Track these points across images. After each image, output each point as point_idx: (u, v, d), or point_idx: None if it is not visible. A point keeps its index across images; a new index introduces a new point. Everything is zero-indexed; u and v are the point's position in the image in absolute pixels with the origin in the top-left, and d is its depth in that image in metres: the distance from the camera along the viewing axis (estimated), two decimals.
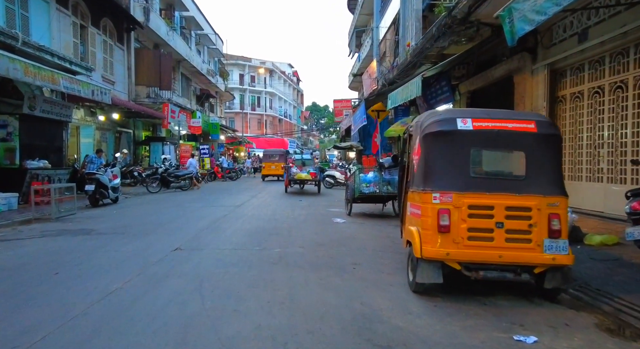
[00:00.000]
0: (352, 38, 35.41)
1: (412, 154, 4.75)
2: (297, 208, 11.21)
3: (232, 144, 37.87)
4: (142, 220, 9.07)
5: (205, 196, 14.71)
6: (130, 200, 13.69)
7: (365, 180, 9.44)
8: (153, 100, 22.42)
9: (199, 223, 8.47)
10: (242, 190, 17.85)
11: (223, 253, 5.90)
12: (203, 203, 12.52)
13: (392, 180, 9.37)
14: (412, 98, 11.38)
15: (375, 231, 7.85)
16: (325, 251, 6.03)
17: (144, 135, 22.67)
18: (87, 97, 13.12)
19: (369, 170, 9.72)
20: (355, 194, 9.51)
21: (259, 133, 53.60)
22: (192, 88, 31.14)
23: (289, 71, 65.80)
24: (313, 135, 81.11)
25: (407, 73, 15.47)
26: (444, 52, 13.22)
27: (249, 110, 53.69)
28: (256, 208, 11.21)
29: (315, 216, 9.66)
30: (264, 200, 13.26)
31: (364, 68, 30.85)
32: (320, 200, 13.42)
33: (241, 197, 14.16)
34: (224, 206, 11.49)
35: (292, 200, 13.27)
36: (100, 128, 18.74)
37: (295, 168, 15.86)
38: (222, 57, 37.96)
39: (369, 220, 9.20)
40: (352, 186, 9.67)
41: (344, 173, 18.43)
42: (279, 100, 59.92)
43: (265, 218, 9.33)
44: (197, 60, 30.09)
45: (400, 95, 12.42)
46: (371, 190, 9.34)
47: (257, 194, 15.42)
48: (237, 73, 52.71)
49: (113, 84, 19.79)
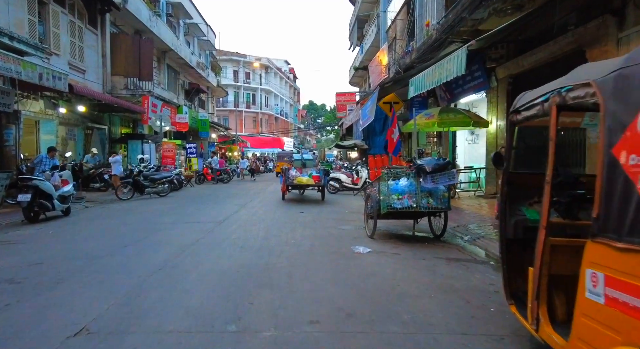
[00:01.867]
0: (353, 29, 32.59)
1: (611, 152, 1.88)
2: (298, 225, 8.32)
3: (225, 143, 34.87)
4: (73, 249, 6.13)
5: (183, 206, 11.77)
6: (89, 212, 10.73)
7: (397, 190, 6.55)
8: (132, 92, 19.43)
9: (152, 259, 5.54)
10: (231, 196, 14.92)
11: (162, 345, 3.01)
12: (177, 216, 9.59)
13: (435, 190, 6.51)
14: (449, 79, 8.53)
15: (428, 273, 4.96)
16: (364, 338, 3.14)
17: (121, 132, 19.66)
18: (31, 82, 10.20)
19: (398, 176, 6.84)
20: (382, 209, 6.65)
21: (254, 132, 50.61)
22: (180, 82, 28.13)
23: (286, 68, 62.79)
24: (310, 135, 78.18)
25: (429, 56, 12.62)
26: (479, 27, 10.42)
27: (244, 108, 50.68)
28: (243, 225, 8.29)
29: (325, 241, 6.76)
30: (255, 212, 10.34)
31: (368, 60, 28.01)
32: (326, 211, 10.52)
33: (228, 207, 11.24)
34: (201, 223, 8.57)
35: (291, 212, 10.37)
36: (65, 123, 15.73)
37: (294, 170, 12.96)
38: (214, 49, 34.96)
39: (405, 247, 6.32)
40: (376, 197, 6.80)
41: (351, 175, 15.57)
42: (275, 98, 56.93)
43: (253, 245, 6.41)
44: (186, 51, 27.09)
45: (430, 78, 9.55)
46: (406, 204, 6.46)
47: (248, 202, 12.50)
48: (231, 70, 49.69)
49: (83, 73, 16.80)
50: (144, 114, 18.93)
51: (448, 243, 6.69)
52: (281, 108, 58.94)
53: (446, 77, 8.59)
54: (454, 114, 10.93)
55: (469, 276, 4.81)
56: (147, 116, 18.96)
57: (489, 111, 11.98)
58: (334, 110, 65.74)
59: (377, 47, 23.17)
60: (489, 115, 11.92)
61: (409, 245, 6.47)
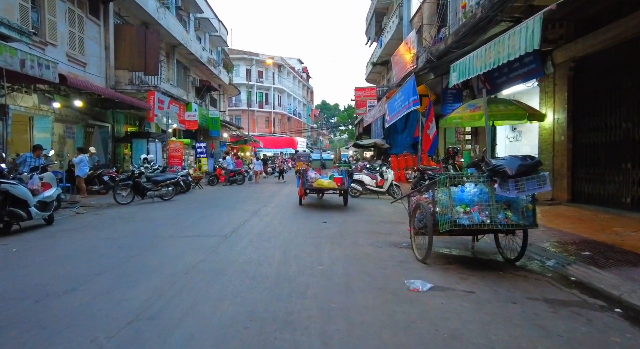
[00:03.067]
0: (370, 24, 30.79)
1: None
2: (323, 240, 6.59)
3: (237, 143, 33.35)
4: (24, 280, 4.45)
5: (187, 213, 10.14)
6: (78, 220, 9.16)
7: (462, 200, 4.77)
8: (137, 87, 17.95)
9: (125, 300, 3.84)
10: (242, 200, 13.28)
11: None
12: (176, 227, 7.94)
13: (514, 200, 4.73)
14: (512, 58, 6.74)
15: (537, 331, 3.18)
16: None
17: (126, 131, 18.18)
18: (10, 69, 8.66)
19: (459, 180, 5.06)
20: (440, 225, 4.88)
21: (266, 131, 49.10)
22: (190, 78, 26.66)
23: (299, 67, 61.16)
24: (323, 135, 76.51)
25: (470, 39, 10.79)
26: (534, 2, 8.60)
27: (257, 107, 49.17)
28: (255, 241, 6.60)
29: (363, 268, 5.02)
30: (269, 221, 8.64)
31: (387, 55, 26.19)
32: (353, 221, 8.78)
33: (237, 215, 9.58)
34: (203, 238, 6.89)
35: (312, 221, 8.65)
36: (63, 120, 14.28)
37: (312, 171, 11.24)
38: (225, 46, 33.46)
39: (477, 280, 4.53)
40: (430, 209, 5.05)
41: (375, 177, 13.78)
42: (288, 97, 55.34)
43: (268, 274, 4.69)
44: (196, 47, 25.61)
45: (482, 60, 7.74)
46: (476, 220, 4.66)
47: (261, 208, 10.82)
48: (243, 68, 48.25)
49: (84, 66, 15.36)
50: (150, 111, 17.42)
51: (529, 271, 4.90)
52: (294, 108, 57.35)
53: (507, 56, 6.79)
54: (504, 105, 9.09)
55: (602, 340, 3.05)
56: (153, 113, 17.45)
57: (543, 102, 10.11)
58: (348, 109, 63.95)
59: (398, 39, 21.35)
60: (542, 107, 10.05)
61: (480, 275, 4.68)
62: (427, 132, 11.00)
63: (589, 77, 8.85)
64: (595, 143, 8.70)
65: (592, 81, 8.78)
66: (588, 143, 8.88)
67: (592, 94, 8.81)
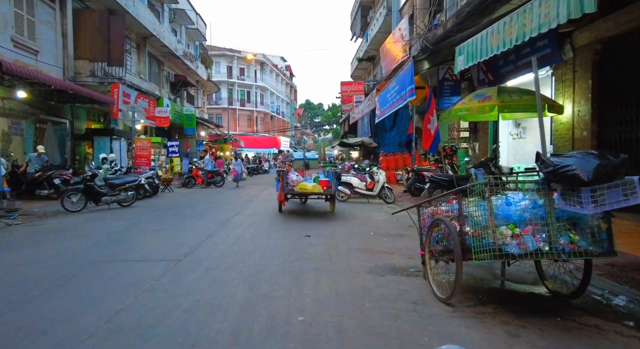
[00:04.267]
0: (355, 18, 29.34)
1: None
2: (305, 265, 4.97)
3: (216, 142, 31.41)
4: None
5: (141, 224, 8.36)
6: (6, 233, 7.33)
7: (509, 216, 3.22)
8: (100, 79, 16.00)
9: None
10: (213, 205, 11.57)
11: None
12: (118, 247, 6.19)
13: (582, 218, 3.22)
14: (543, 31, 5.23)
15: None
16: None
17: (88, 128, 16.19)
18: None
19: (499, 187, 3.50)
20: (474, 250, 3.32)
21: (249, 131, 47.17)
22: (164, 73, 24.66)
23: (282, 65, 59.30)
24: (307, 134, 74.84)
25: (475, 21, 9.35)
26: None
27: (238, 106, 47.18)
28: (214, 268, 4.91)
29: (365, 318, 3.42)
30: (240, 236, 6.96)
31: (373, 49, 24.74)
32: (343, 234, 7.17)
33: (202, 226, 7.88)
34: (145, 263, 5.18)
35: (293, 235, 7.02)
36: (7, 114, 12.31)
37: (294, 173, 9.61)
38: (204, 40, 31.48)
39: (530, 334, 3.00)
40: (454, 228, 3.49)
41: (364, 179, 12.24)
42: (271, 96, 53.47)
43: (218, 338, 2.99)
44: (170, 39, 23.64)
45: (497, 38, 6.27)
46: (532, 247, 3.11)
47: (232, 217, 9.13)
48: (224, 65, 46.21)
49: (36, 54, 13.38)
50: (113, 105, 15.52)
51: (598, 317, 3.37)
52: (277, 107, 55.52)
53: (538, 29, 5.26)
54: (518, 95, 7.65)
55: None
56: (117, 108, 15.54)
57: (559, 93, 8.70)
58: (333, 108, 62.40)
59: (386, 32, 19.89)
60: (558, 98, 8.64)
61: (534, 326, 3.11)
62: (427, 127, 9.47)
63: (618, 62, 7.47)
64: (624, 139, 7.33)
65: (622, 67, 7.40)
66: (615, 139, 7.50)
67: (620, 82, 7.43)
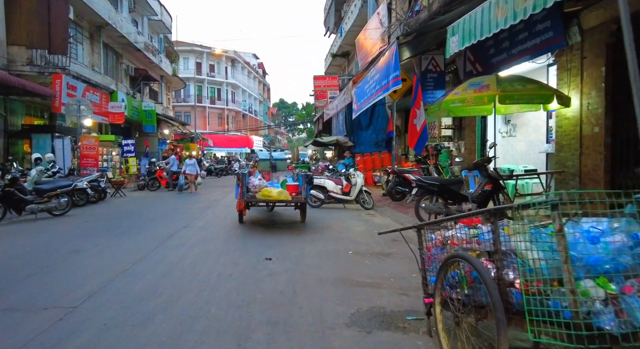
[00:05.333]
0: (329, 13, 27.96)
1: None
2: (258, 317, 3.44)
3: (182, 141, 29.34)
4: None
5: (61, 242, 6.57)
6: None
7: (597, 262, 1.83)
8: (40, 69, 13.94)
9: None
10: (165, 213, 9.86)
11: None
12: (9, 281, 4.51)
13: None
14: None
15: None
16: None
17: (25, 124, 14.06)
18: None
19: (575, 205, 2.11)
20: (539, 321, 1.90)
21: (220, 129, 45.03)
22: (123, 66, 22.52)
23: (254, 62, 57.25)
24: (281, 134, 73.05)
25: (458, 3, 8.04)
26: None
27: (208, 103, 44.97)
28: (119, 324, 3.32)
29: None
30: (177, 261, 5.32)
31: (348, 44, 23.39)
32: (314, 254, 5.68)
33: (136, 245, 6.21)
34: (20, 314, 3.55)
35: (249, 257, 5.47)
36: None
37: (258, 176, 8.04)
38: (169, 33, 29.34)
39: None
40: (488, 274, 2.08)
41: (339, 181, 10.80)
42: (243, 94, 51.41)
43: None
44: (129, 29, 21.55)
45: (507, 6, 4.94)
46: None
47: (180, 230, 7.49)
48: (193, 61, 43.89)
49: None
50: (55, 98, 13.51)
51: None
52: (249, 105, 53.51)
53: None
54: (521, 84, 6.41)
55: None
56: (59, 101, 13.53)
57: (563, 83, 7.50)
58: (307, 107, 60.85)
59: (361, 26, 18.59)
60: (563, 89, 7.45)
61: None
62: (412, 122, 8.08)
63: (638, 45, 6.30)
64: None
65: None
66: (635, 137, 6.34)
67: None
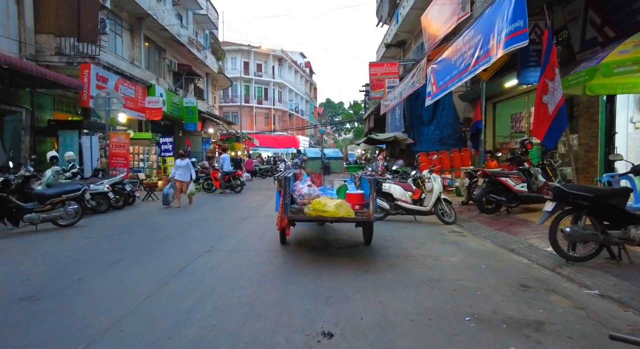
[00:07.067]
0: (382, 0, 25.35)
1: None
2: None
3: (228, 140, 27.95)
4: None
5: (25, 273, 4.70)
6: None
7: None
8: (69, 59, 12.60)
9: None
10: (190, 226, 7.85)
11: None
12: None
13: None
14: None
15: None
16: None
17: (52, 120, 12.76)
18: None
19: None
20: None
21: (266, 129, 43.69)
22: (166, 61, 21.30)
23: (301, 61, 55.62)
24: (327, 134, 71.03)
25: None
26: None
27: (255, 103, 43.76)
28: None
29: None
30: (168, 335, 3.14)
31: (404, 31, 20.76)
32: (404, 314, 3.31)
33: (130, 286, 4.14)
34: None
35: (292, 325, 3.17)
36: None
37: (305, 182, 5.80)
38: (214, 28, 28.07)
39: None
40: None
41: (409, 186, 8.29)
42: (290, 93, 49.85)
43: None
44: (171, 21, 20.24)
45: None
46: None
47: (200, 256, 5.38)
48: (240, 61, 42.86)
49: None
50: (83, 91, 12.08)
51: None
52: (296, 105, 51.86)
53: None
54: None
55: None
56: (87, 94, 12.09)
57: None
58: (354, 106, 58.38)
59: (421, 8, 15.94)
60: None
61: None
62: (542, 101, 5.30)
63: None
64: None
65: None
66: None
67: None
